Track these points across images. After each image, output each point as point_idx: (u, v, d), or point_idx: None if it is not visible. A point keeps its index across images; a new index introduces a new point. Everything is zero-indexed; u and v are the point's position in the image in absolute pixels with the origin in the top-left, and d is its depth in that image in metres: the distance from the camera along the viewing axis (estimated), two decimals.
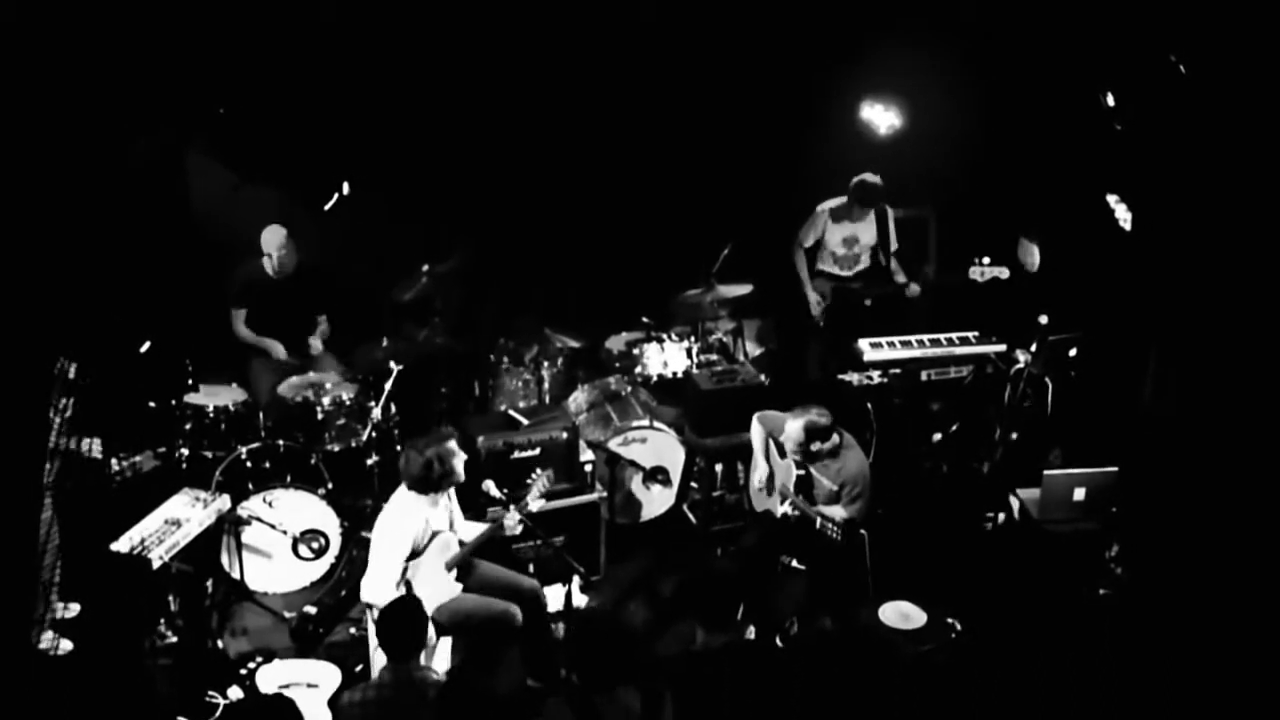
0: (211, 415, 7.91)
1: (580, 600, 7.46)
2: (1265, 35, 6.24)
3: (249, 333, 8.73)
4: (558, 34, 9.21)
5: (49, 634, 6.60)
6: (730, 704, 5.33)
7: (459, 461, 6.64)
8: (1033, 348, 8.43)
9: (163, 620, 6.98)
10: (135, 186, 8.23)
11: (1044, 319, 8.28)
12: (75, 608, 7.07)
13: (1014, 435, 8.51)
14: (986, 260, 8.85)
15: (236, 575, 7.41)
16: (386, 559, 6.47)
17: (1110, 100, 7.36)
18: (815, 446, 7.05)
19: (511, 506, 6.77)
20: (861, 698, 5.45)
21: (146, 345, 7.82)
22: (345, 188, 8.59)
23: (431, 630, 5.93)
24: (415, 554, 6.53)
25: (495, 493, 6.92)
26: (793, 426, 7.06)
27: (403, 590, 6.41)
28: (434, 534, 6.63)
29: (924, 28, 9.03)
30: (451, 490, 6.79)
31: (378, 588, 6.42)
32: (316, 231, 8.93)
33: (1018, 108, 8.98)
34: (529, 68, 9.29)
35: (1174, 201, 6.88)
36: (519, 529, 6.76)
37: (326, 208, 8.65)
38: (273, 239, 8.52)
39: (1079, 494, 7.41)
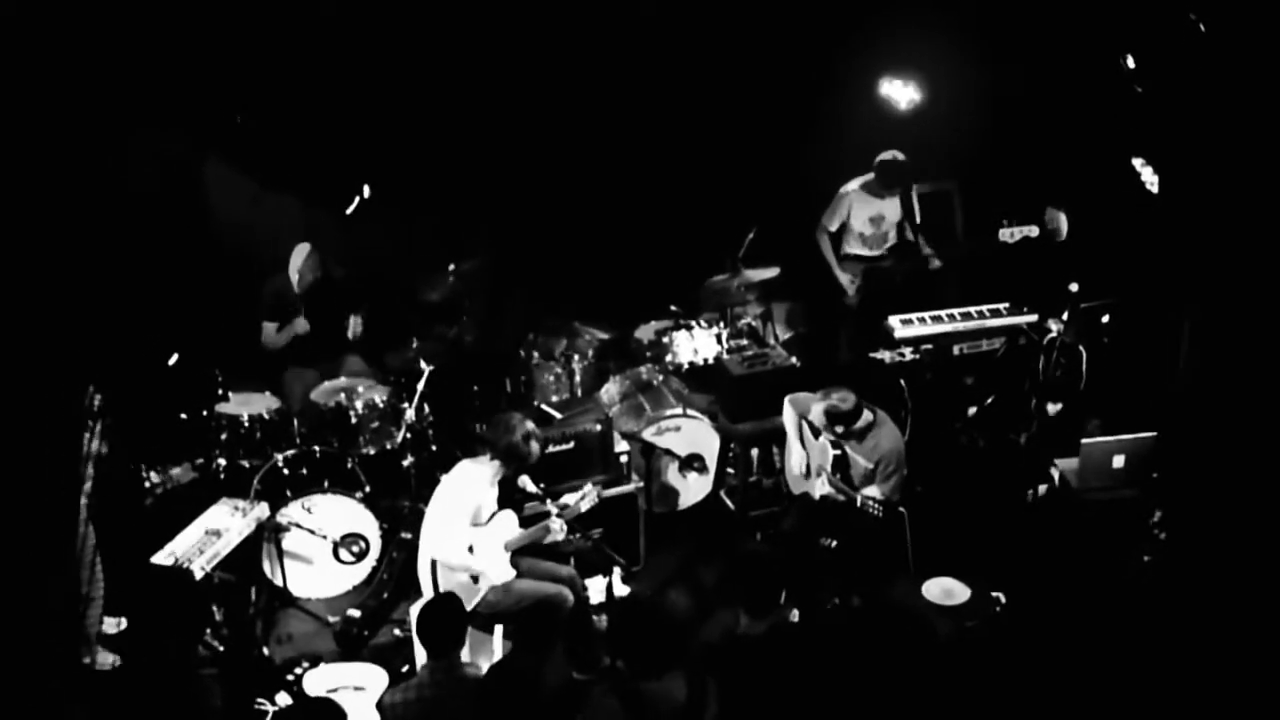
0: (246, 424, 7.94)
1: (621, 591, 7.47)
2: None
3: (278, 336, 8.71)
4: (576, 24, 9.20)
5: (95, 649, 6.68)
6: (774, 687, 5.31)
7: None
8: (1064, 316, 8.34)
9: (208, 630, 7.02)
10: (155, 200, 8.28)
11: (1075, 287, 8.18)
12: (121, 622, 7.14)
13: (1051, 406, 8.44)
14: (1014, 221, 8.77)
15: (279, 582, 7.48)
16: (453, 519, 6.56)
17: (1131, 62, 7.27)
18: (840, 429, 7.04)
19: (554, 506, 6.83)
20: (901, 675, 5.42)
21: (174, 358, 7.86)
22: (366, 191, 8.60)
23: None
24: (475, 525, 6.62)
25: (532, 488, 6.93)
26: (815, 411, 7.08)
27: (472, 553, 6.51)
28: (493, 512, 6.70)
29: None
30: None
31: (447, 543, 6.52)
32: (339, 236, 8.96)
33: (1037, 75, 8.90)
34: (547, 56, 9.28)
35: (1200, 163, 6.80)
36: (561, 536, 6.82)
37: (348, 211, 8.66)
38: (298, 256, 8.55)
39: (1118, 461, 7.35)
